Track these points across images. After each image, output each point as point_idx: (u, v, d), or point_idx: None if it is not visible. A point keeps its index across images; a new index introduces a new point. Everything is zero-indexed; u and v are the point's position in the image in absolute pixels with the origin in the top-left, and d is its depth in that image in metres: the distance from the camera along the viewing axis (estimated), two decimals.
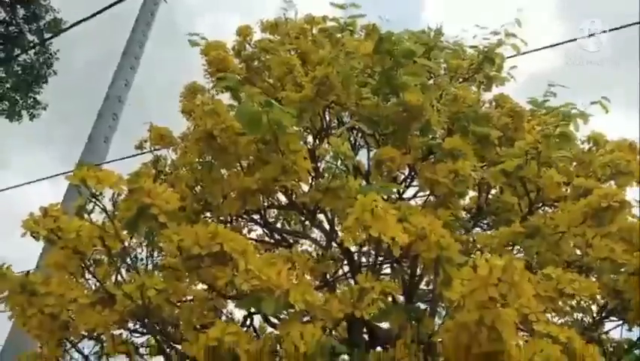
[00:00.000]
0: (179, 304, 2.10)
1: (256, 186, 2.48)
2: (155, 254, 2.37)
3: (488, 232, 2.78)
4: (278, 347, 1.82)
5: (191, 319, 2.01)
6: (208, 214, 2.97)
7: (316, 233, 3.63)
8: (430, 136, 2.82)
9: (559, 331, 1.87)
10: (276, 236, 3.48)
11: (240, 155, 2.63)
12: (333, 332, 3.23)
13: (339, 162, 2.33)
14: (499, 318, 1.64)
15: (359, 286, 1.86)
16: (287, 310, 1.89)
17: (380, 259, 2.93)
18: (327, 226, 3.09)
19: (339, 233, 2.93)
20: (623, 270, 2.47)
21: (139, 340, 2.67)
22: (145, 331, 2.37)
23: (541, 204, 2.76)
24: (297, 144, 2.44)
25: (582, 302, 2.15)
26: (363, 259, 3.15)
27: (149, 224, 1.95)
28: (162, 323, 2.06)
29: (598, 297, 2.75)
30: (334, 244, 3.07)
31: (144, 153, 3.78)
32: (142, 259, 2.32)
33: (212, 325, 1.84)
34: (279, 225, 3.85)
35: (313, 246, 3.47)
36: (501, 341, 1.64)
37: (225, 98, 3.24)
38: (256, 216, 3.19)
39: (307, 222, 3.66)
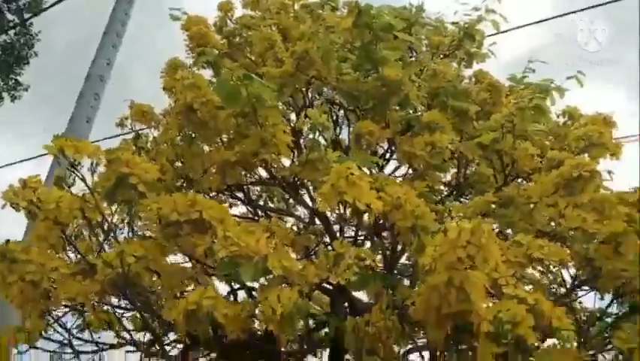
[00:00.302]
0: (159, 273, 2.13)
1: (235, 158, 2.51)
2: (135, 227, 2.39)
3: (464, 203, 2.84)
4: (256, 311, 1.87)
5: (171, 287, 2.05)
6: (190, 191, 2.99)
7: (300, 211, 3.68)
8: (409, 110, 2.86)
9: (527, 294, 1.94)
10: (260, 213, 3.52)
11: (220, 129, 2.64)
12: (317, 307, 3.30)
13: (317, 133, 2.36)
14: (468, 280, 1.71)
15: (335, 252, 1.91)
16: (266, 278, 1.94)
17: (362, 234, 3.00)
18: (310, 203, 3.13)
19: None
20: (595, 240, 2.56)
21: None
22: (128, 306, 2.40)
23: (516, 176, 2.83)
24: (277, 117, 2.46)
25: (551, 267, 2.21)
26: (345, 234, 3.22)
27: (128, 194, 1.98)
28: (143, 292, 2.10)
29: (570, 265, 2.86)
30: (317, 220, 3.13)
31: (126, 133, 3.77)
32: (121, 229, 2.35)
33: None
34: (261, 202, 3.88)
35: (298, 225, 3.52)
36: (469, 301, 1.70)
37: (207, 75, 3.24)
38: (239, 194, 3.22)
39: (291, 200, 3.71)
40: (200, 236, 1.88)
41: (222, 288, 2.70)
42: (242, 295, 2.64)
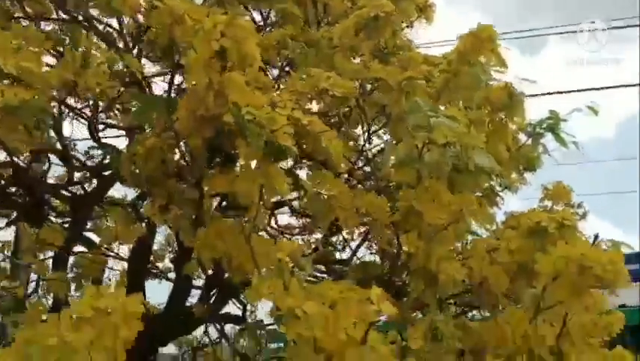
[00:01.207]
0: None
1: None
2: None
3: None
4: None
5: None
6: None
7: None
8: None
9: (303, 117, 1.92)
10: None
11: None
12: None
13: None
14: (229, 81, 1.60)
15: (83, 52, 1.65)
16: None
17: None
18: None
19: None
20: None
21: None
22: None
23: (328, 22, 2.76)
24: None
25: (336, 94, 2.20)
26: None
27: None
28: None
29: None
30: None
31: None
32: None
33: None
34: None
35: None
36: (227, 105, 1.61)
37: None
38: None
39: None
40: None
41: None
42: None
